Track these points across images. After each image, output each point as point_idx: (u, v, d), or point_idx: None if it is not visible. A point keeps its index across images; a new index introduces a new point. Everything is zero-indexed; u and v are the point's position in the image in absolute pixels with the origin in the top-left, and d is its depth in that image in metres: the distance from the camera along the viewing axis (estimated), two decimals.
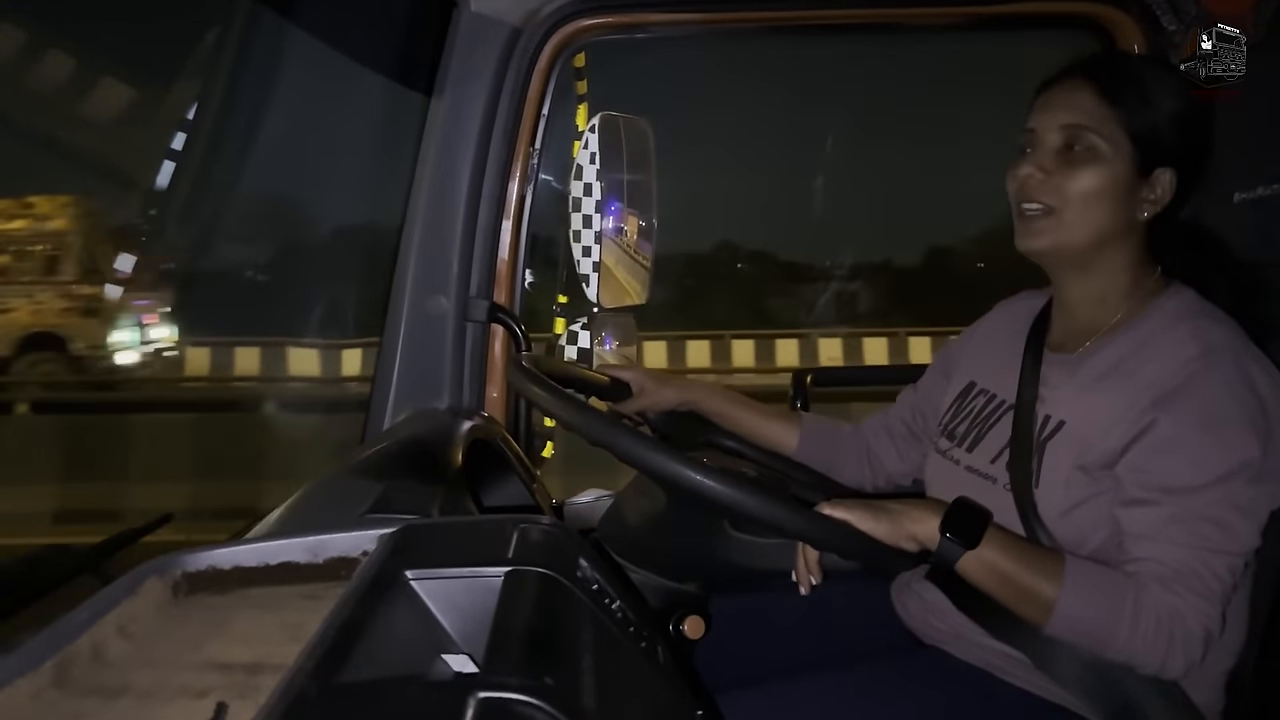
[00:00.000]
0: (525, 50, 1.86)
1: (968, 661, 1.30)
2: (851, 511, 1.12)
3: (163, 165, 2.03)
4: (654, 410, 1.60)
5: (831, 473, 1.62)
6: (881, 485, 1.60)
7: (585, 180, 1.95)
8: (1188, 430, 1.12)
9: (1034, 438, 1.25)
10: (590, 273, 1.95)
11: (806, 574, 1.27)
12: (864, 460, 1.60)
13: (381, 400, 1.84)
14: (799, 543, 1.27)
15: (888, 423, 1.60)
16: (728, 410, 1.61)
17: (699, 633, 1.39)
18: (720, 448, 1.63)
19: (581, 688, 0.68)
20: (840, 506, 1.13)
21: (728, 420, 1.62)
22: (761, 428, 1.61)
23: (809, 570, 1.27)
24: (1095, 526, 1.18)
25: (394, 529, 0.91)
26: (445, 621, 0.78)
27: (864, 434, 1.62)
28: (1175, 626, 1.08)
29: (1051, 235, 1.24)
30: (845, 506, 1.13)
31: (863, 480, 1.61)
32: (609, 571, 0.95)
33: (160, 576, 0.91)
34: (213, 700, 0.70)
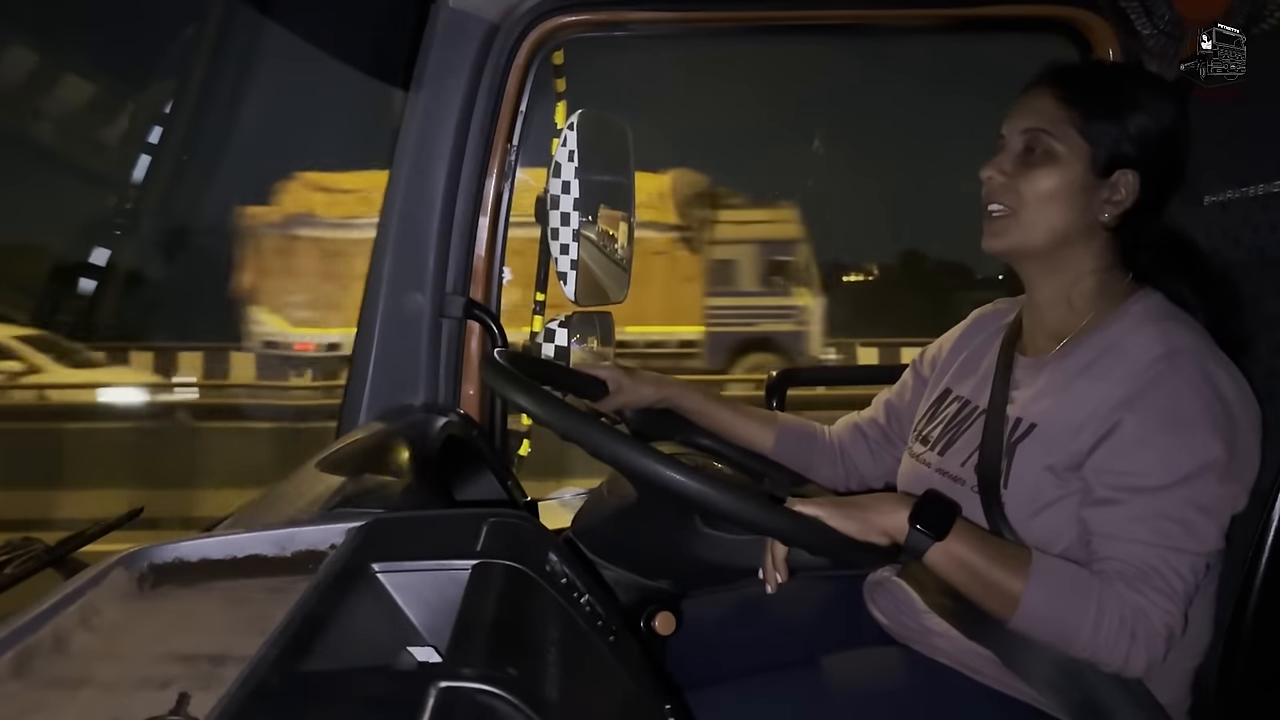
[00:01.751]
0: (503, 46, 1.86)
1: (937, 659, 1.30)
2: (822, 508, 1.13)
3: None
4: (631, 408, 1.60)
5: (807, 472, 1.63)
6: (854, 487, 1.61)
7: (563, 178, 1.94)
8: (1152, 431, 1.14)
9: (1004, 440, 1.26)
10: (568, 270, 1.95)
11: (773, 572, 1.28)
12: (838, 461, 1.61)
13: (356, 396, 1.83)
14: (769, 541, 1.28)
15: (862, 425, 1.62)
16: (704, 408, 1.62)
17: (670, 629, 1.39)
18: (697, 446, 1.63)
19: (545, 679, 0.69)
20: (810, 503, 1.14)
21: (704, 418, 1.62)
22: (738, 426, 1.62)
23: (775, 568, 1.27)
24: (1063, 528, 1.19)
25: (362, 522, 0.91)
26: (411, 614, 0.78)
27: (838, 435, 1.63)
28: (1138, 624, 1.09)
29: (1011, 236, 1.27)
30: (815, 503, 1.14)
31: (836, 481, 1.61)
32: (579, 567, 0.96)
33: (126, 569, 0.90)
34: (175, 691, 0.69)
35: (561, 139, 1.93)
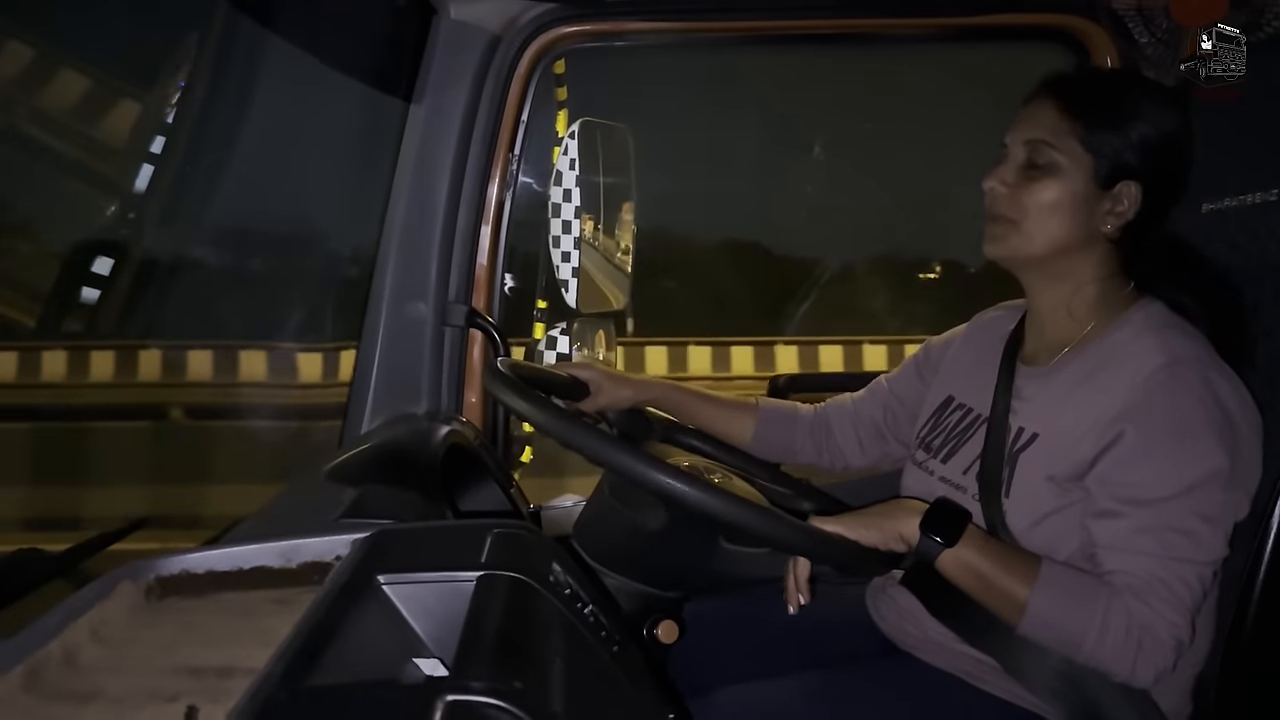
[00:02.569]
0: (505, 57, 1.86)
1: (940, 667, 1.31)
2: (843, 523, 1.14)
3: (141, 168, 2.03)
4: (612, 409, 1.60)
5: (790, 457, 1.63)
6: (837, 470, 1.62)
7: (565, 186, 1.95)
8: (1155, 441, 1.14)
9: (1006, 449, 1.26)
10: (570, 278, 1.96)
11: (796, 593, 1.28)
12: (822, 445, 1.61)
13: (359, 405, 1.84)
14: (790, 561, 1.28)
15: (856, 414, 1.60)
16: (685, 405, 1.62)
17: (673, 638, 1.39)
18: (679, 444, 1.64)
19: (551, 691, 0.69)
20: (830, 520, 1.15)
21: (686, 415, 1.62)
22: (720, 421, 1.62)
23: (799, 589, 1.27)
24: (1065, 537, 1.19)
25: (367, 534, 0.91)
26: (417, 626, 0.78)
27: (826, 416, 1.62)
28: (1145, 636, 1.09)
29: (1012, 245, 1.27)
30: (836, 520, 1.15)
31: (818, 463, 1.62)
32: (582, 576, 0.96)
33: (133, 580, 0.91)
34: (184, 704, 0.70)
35: (563, 147, 1.95)
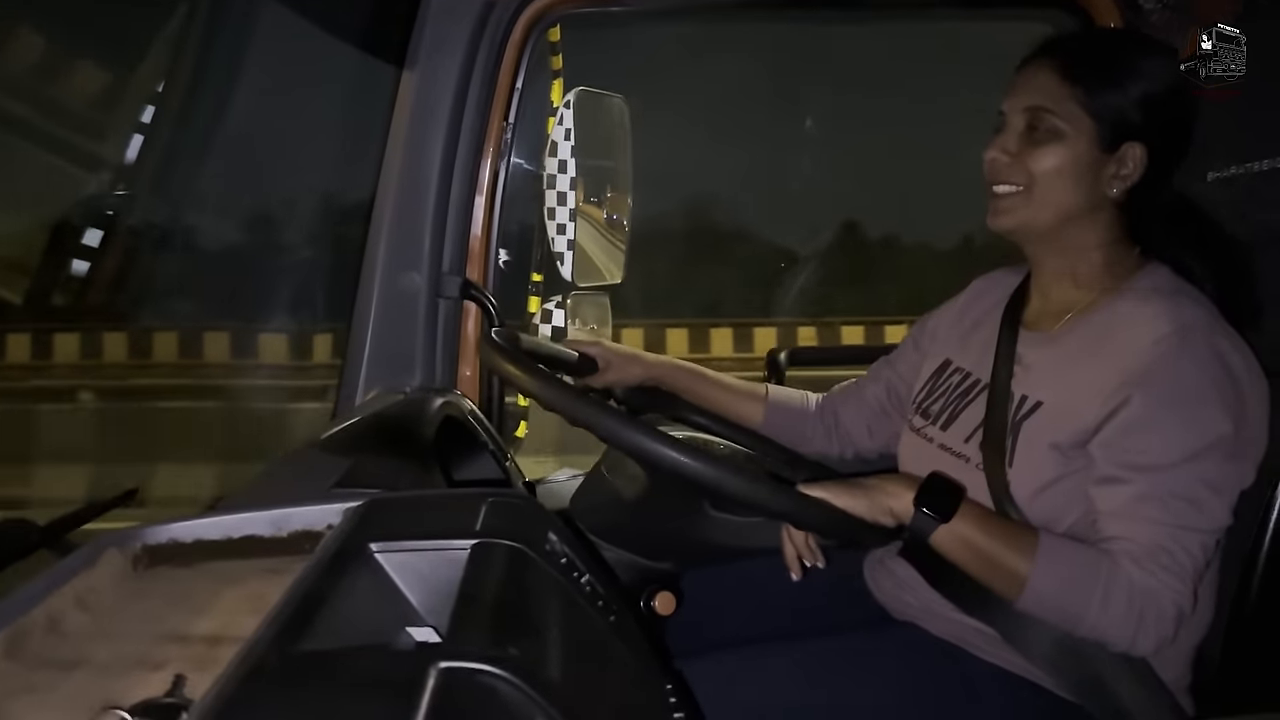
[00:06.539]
0: (498, 22, 1.83)
1: (939, 636, 1.30)
2: (828, 489, 1.12)
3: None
4: (620, 385, 1.58)
5: (798, 445, 1.61)
6: (849, 458, 1.60)
7: (560, 157, 1.93)
8: (1160, 408, 1.12)
9: (1009, 417, 1.25)
10: (565, 250, 1.94)
11: (796, 558, 1.26)
12: (831, 432, 1.60)
13: (352, 377, 1.82)
14: (785, 527, 1.27)
15: (861, 397, 1.59)
16: (694, 385, 1.60)
17: (670, 609, 1.38)
18: (687, 423, 1.62)
19: (546, 659, 0.68)
20: (818, 485, 1.13)
21: (694, 395, 1.61)
22: (728, 402, 1.61)
23: (801, 553, 1.26)
24: (1068, 506, 1.18)
25: (360, 502, 0.90)
26: (410, 594, 0.77)
27: (833, 404, 1.61)
28: (1146, 604, 1.08)
29: (1018, 214, 1.25)
30: (823, 485, 1.13)
31: (830, 452, 1.60)
32: (578, 546, 0.95)
33: (120, 549, 0.89)
34: (170, 672, 0.68)
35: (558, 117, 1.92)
